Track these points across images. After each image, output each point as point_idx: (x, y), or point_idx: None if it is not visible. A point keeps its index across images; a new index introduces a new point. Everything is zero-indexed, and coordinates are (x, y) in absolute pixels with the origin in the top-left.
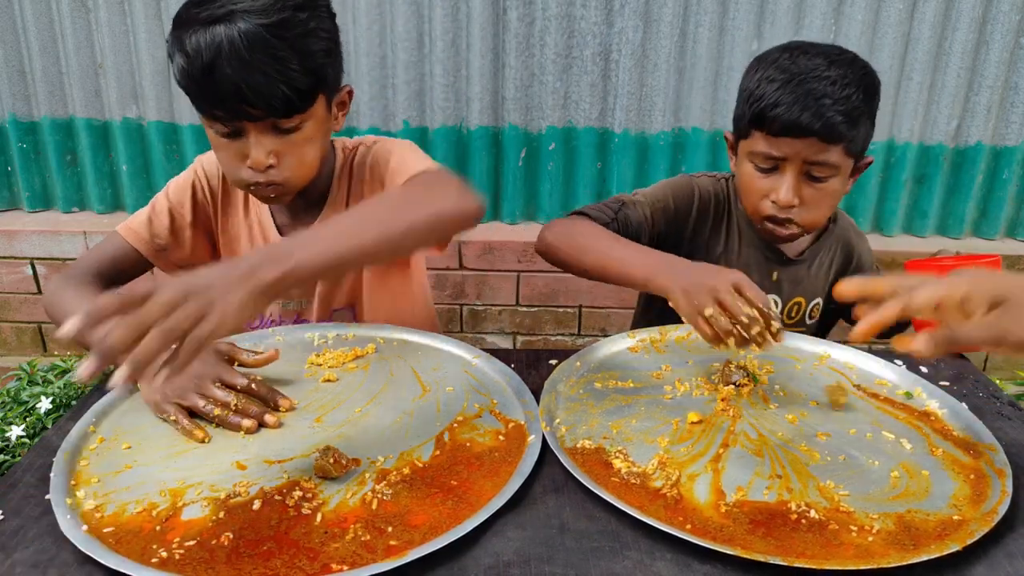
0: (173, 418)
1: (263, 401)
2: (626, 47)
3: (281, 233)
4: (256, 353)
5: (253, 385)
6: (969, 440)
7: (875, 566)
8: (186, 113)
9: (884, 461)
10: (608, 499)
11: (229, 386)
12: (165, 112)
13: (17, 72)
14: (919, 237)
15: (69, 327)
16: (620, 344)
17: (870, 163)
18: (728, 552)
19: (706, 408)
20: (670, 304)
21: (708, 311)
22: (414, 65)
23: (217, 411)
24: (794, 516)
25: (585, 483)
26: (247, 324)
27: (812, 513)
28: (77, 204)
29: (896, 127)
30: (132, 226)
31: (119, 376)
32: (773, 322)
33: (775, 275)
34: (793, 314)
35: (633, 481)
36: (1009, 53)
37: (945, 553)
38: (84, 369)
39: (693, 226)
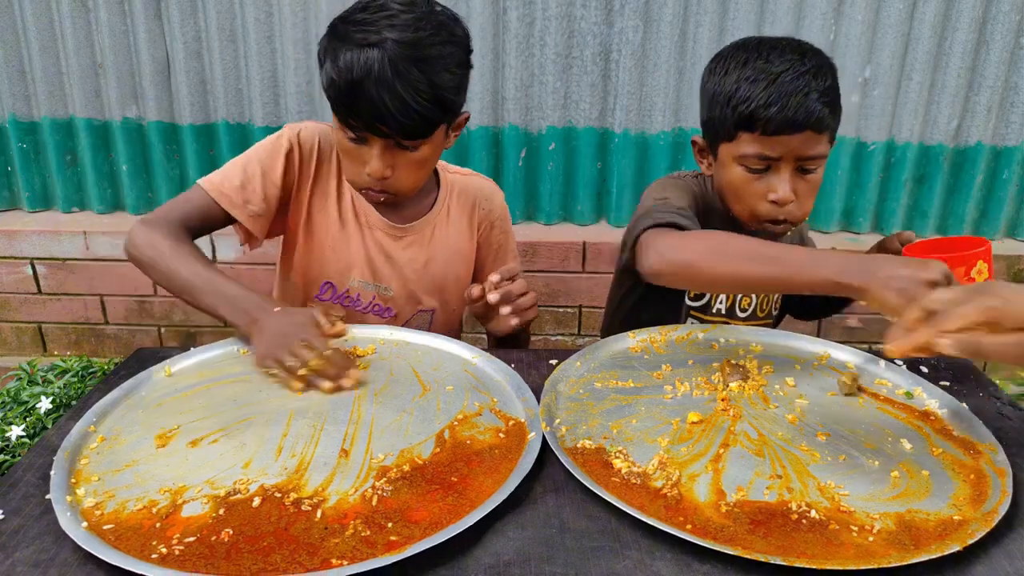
0: (274, 371)
1: (339, 367)
2: (626, 47)
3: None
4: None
5: (331, 352)
6: (969, 440)
7: (875, 566)
8: (186, 113)
9: (884, 461)
10: (609, 499)
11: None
12: (165, 112)
13: (17, 72)
14: (919, 237)
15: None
16: (620, 344)
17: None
18: (728, 552)
19: (706, 408)
20: (864, 302)
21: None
22: None
23: (303, 370)
24: (794, 516)
25: (586, 483)
26: (340, 296)
27: (812, 513)
28: (77, 204)
29: (896, 127)
30: (224, 190)
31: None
32: None
33: None
34: (764, 307)
35: (634, 481)
36: (1009, 53)
37: (946, 553)
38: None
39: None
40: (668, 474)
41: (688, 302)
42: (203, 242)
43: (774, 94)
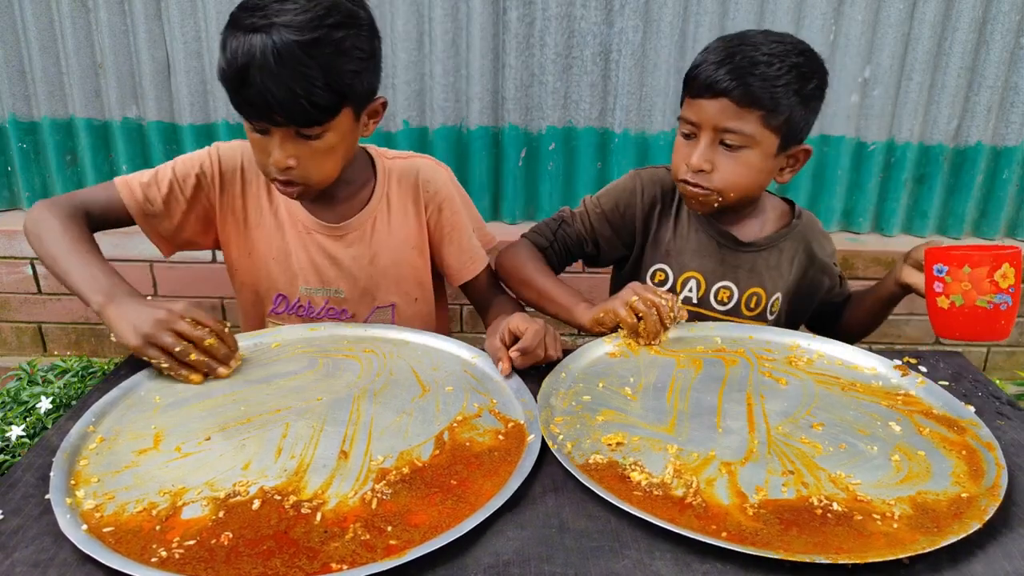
0: (160, 360)
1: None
2: (626, 47)
3: (316, 216)
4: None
5: (224, 331)
6: (950, 417)
7: (910, 553)
8: (186, 113)
9: (881, 446)
10: (649, 519)
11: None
12: (165, 112)
13: (17, 72)
14: (919, 237)
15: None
16: (598, 350)
17: (808, 152)
18: (774, 557)
19: (695, 404)
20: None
21: (633, 299)
22: (414, 65)
23: (193, 355)
24: (819, 511)
25: (618, 505)
26: (293, 307)
27: (835, 506)
28: None
29: (896, 127)
30: (130, 184)
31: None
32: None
33: (728, 260)
34: (752, 305)
35: (656, 492)
36: (1009, 53)
37: (970, 532)
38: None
39: (643, 220)
40: (686, 481)
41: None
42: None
43: (709, 57)
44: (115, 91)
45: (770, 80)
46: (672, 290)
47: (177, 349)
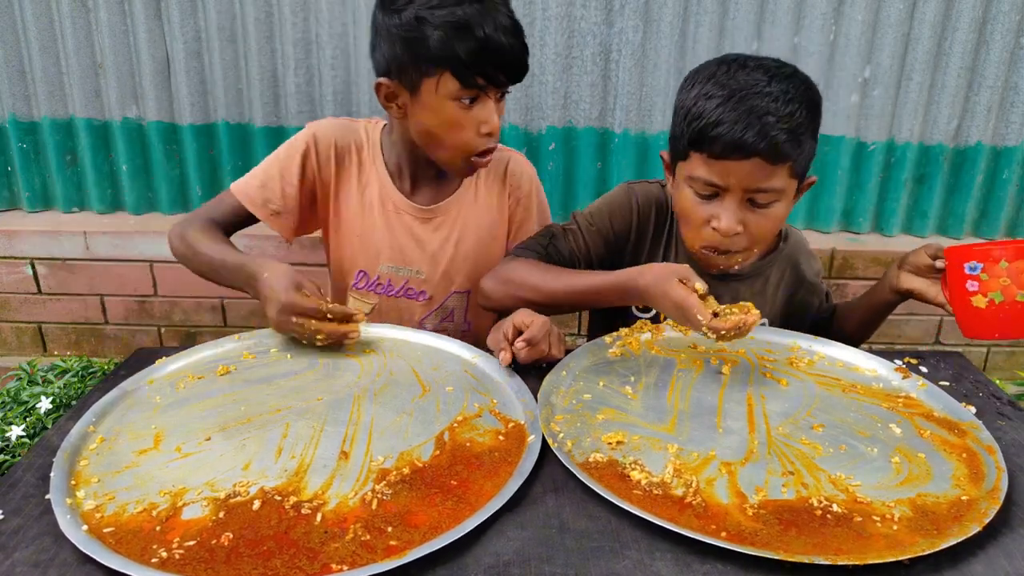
0: (312, 329)
1: (340, 329)
2: (626, 47)
3: (407, 197)
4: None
5: (328, 316)
6: (950, 420)
7: (910, 555)
8: (186, 113)
9: (881, 448)
10: (648, 518)
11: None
12: (165, 112)
13: (17, 72)
14: (919, 237)
15: None
16: (599, 350)
17: (813, 183)
18: (772, 557)
19: (696, 404)
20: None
21: (698, 287)
22: None
23: (317, 341)
24: (818, 512)
25: (617, 503)
26: (372, 284)
27: (834, 507)
28: (77, 204)
29: (896, 127)
30: (247, 190)
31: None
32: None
33: (716, 290)
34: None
35: (656, 492)
36: (1009, 53)
37: (970, 535)
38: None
39: (634, 239)
40: (686, 481)
41: (636, 312)
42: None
43: (725, 112)
44: (115, 91)
45: (796, 130)
46: (655, 319)
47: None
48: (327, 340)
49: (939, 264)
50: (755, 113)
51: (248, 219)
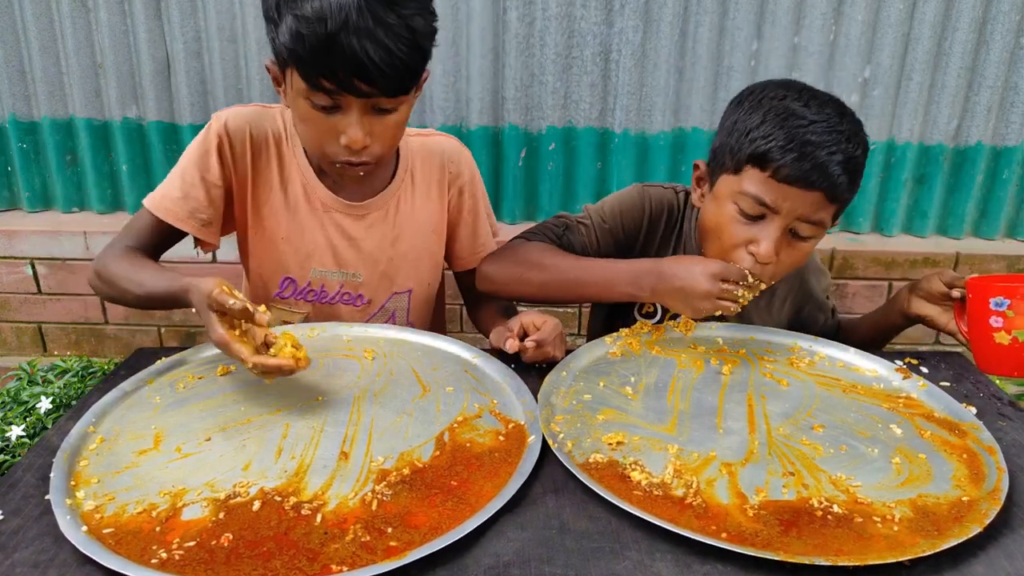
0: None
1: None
2: (626, 47)
3: (334, 192)
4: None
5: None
6: (951, 420)
7: (911, 556)
8: (186, 113)
9: (882, 448)
10: (648, 519)
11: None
12: (165, 112)
13: (17, 72)
14: (919, 237)
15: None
16: (599, 350)
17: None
18: (772, 558)
19: (696, 404)
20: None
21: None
22: None
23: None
24: (819, 513)
25: (617, 504)
26: (302, 292)
27: (835, 508)
28: (77, 204)
29: (896, 127)
30: (167, 205)
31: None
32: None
33: None
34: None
35: (656, 492)
36: (1009, 53)
37: (971, 536)
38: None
39: (643, 241)
40: (686, 481)
41: (639, 316)
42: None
43: (798, 140)
44: (115, 91)
45: (855, 172)
46: (660, 322)
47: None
48: (259, 373)
49: (955, 293)
50: (826, 148)
51: (173, 236)
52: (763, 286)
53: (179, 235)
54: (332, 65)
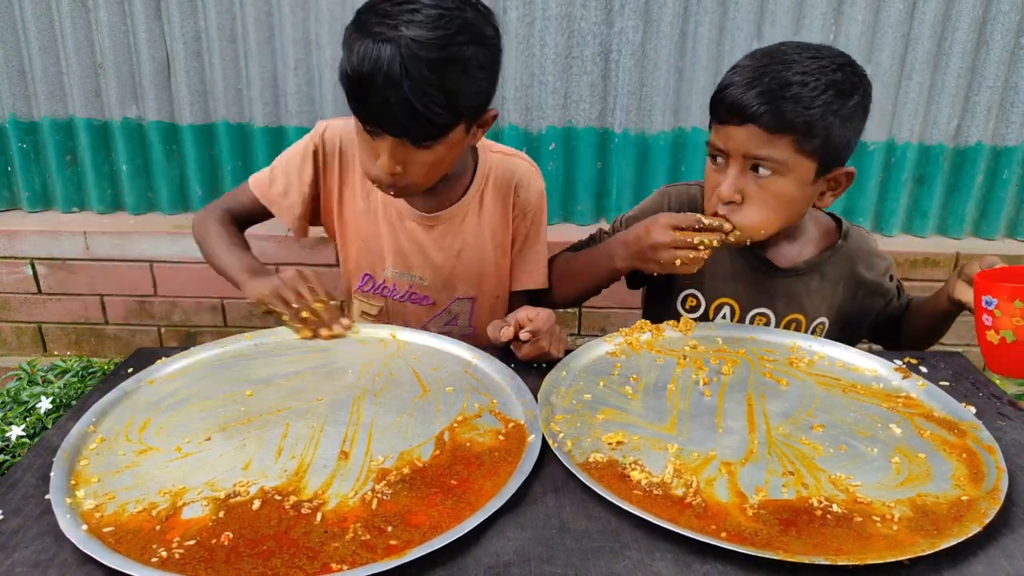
0: (277, 308)
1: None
2: (626, 47)
3: (410, 203)
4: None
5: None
6: (950, 420)
7: (910, 556)
8: (186, 113)
9: (881, 448)
10: (648, 518)
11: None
12: (165, 112)
13: (17, 72)
14: (919, 237)
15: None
16: (599, 349)
17: (851, 175)
18: (772, 558)
19: (696, 404)
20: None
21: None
22: None
23: (305, 312)
24: (818, 512)
25: (617, 503)
26: (378, 287)
27: (834, 508)
28: (77, 204)
29: (896, 127)
30: (265, 190)
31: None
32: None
33: (764, 286)
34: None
35: (656, 492)
36: (1009, 53)
37: (970, 535)
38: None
39: None
40: (686, 481)
41: (683, 312)
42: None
43: (736, 78)
44: (115, 91)
45: (803, 102)
46: (704, 317)
47: (294, 305)
48: (313, 320)
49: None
50: (763, 80)
51: (264, 213)
52: (729, 227)
53: (268, 214)
54: (365, 104)
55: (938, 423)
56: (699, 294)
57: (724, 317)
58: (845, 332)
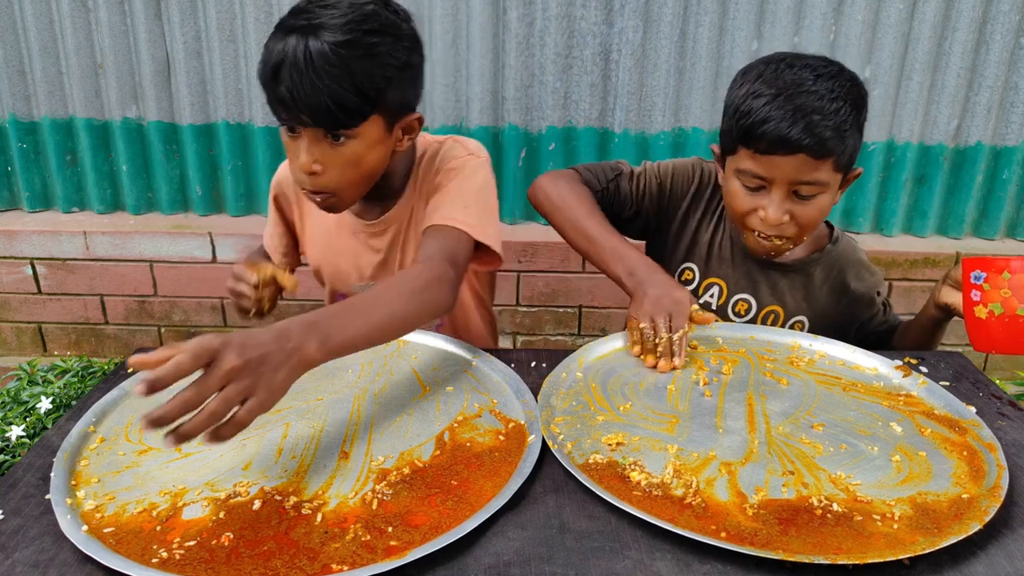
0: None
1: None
2: (626, 47)
3: (359, 216)
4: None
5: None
6: (951, 417)
7: (911, 554)
8: (186, 113)
9: (882, 446)
10: (648, 519)
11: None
12: (165, 112)
13: (17, 72)
14: (919, 237)
15: (138, 388)
16: (600, 349)
17: (859, 174)
18: (772, 557)
19: (696, 404)
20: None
21: (642, 324)
22: None
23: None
24: (819, 512)
25: (617, 504)
26: None
27: (835, 507)
28: (77, 204)
29: (896, 127)
30: (265, 237)
31: (169, 441)
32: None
33: (752, 274)
34: (768, 323)
35: (655, 492)
36: (1009, 53)
37: (971, 533)
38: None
39: (686, 208)
40: (686, 481)
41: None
42: (205, 241)
43: (773, 111)
44: (115, 91)
45: (840, 126)
46: (695, 292)
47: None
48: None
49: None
50: (801, 111)
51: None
52: (789, 245)
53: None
54: (276, 95)
55: (939, 421)
56: (695, 268)
57: (712, 296)
58: (832, 335)
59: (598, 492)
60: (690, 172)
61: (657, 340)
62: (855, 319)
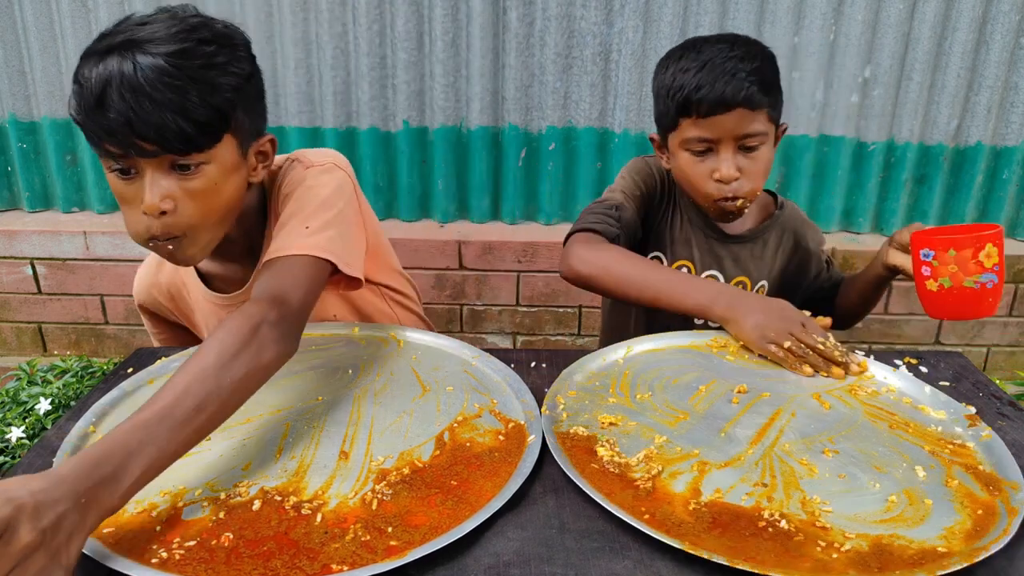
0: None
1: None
2: (626, 47)
3: (208, 285)
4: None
5: (826, 346)
6: (994, 476)
7: None
8: None
9: (887, 485)
10: (638, 525)
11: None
12: None
13: (17, 72)
14: None
15: None
16: (649, 344)
17: (786, 129)
18: (678, 546)
19: (715, 409)
20: (731, 332)
21: (787, 343)
22: (414, 65)
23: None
24: (762, 523)
25: (563, 466)
26: None
27: (782, 523)
28: (77, 204)
29: (896, 127)
30: None
31: None
32: (836, 353)
33: (715, 251)
34: None
35: (612, 470)
36: (1009, 53)
37: None
38: None
39: (657, 205)
40: (649, 468)
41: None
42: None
43: (703, 78)
44: None
45: (765, 79)
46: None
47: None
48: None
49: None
50: (729, 71)
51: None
52: (837, 354)
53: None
54: (108, 125)
55: (976, 476)
56: (663, 257)
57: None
58: (782, 294)
59: (554, 454)
60: (650, 170)
61: (816, 350)
62: (806, 277)
